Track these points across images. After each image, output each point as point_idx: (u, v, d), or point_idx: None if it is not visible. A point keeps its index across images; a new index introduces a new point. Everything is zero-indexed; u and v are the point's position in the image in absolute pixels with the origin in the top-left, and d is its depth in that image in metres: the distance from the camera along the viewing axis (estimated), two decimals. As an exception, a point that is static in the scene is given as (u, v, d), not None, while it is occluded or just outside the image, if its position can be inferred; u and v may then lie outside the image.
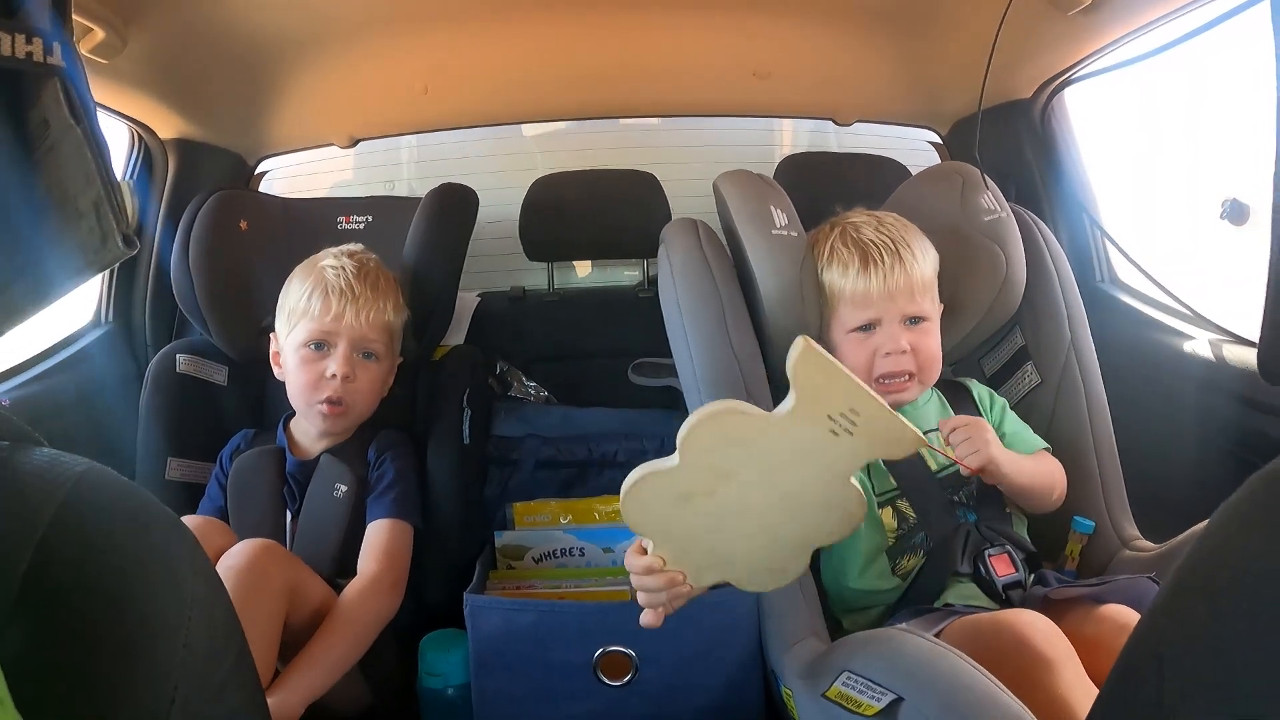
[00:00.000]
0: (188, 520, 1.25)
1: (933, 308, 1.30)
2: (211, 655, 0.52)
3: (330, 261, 1.41)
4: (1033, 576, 1.19)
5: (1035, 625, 0.96)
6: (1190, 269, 1.76)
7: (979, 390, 1.38)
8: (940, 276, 1.37)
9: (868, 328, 1.27)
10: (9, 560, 0.46)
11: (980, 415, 1.33)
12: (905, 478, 1.25)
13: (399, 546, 1.34)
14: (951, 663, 0.84)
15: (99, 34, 1.30)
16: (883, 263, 1.25)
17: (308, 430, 1.43)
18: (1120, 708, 0.49)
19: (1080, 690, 0.90)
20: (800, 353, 0.72)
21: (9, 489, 0.48)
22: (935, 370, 1.30)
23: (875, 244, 1.27)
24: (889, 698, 0.85)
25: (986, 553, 1.17)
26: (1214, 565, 0.45)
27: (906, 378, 1.26)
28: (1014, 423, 1.35)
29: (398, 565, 1.32)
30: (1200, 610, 0.45)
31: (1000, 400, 1.38)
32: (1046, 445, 1.33)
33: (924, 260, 1.28)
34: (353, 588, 1.26)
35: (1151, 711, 0.44)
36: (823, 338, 1.32)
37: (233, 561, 1.13)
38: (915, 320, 1.27)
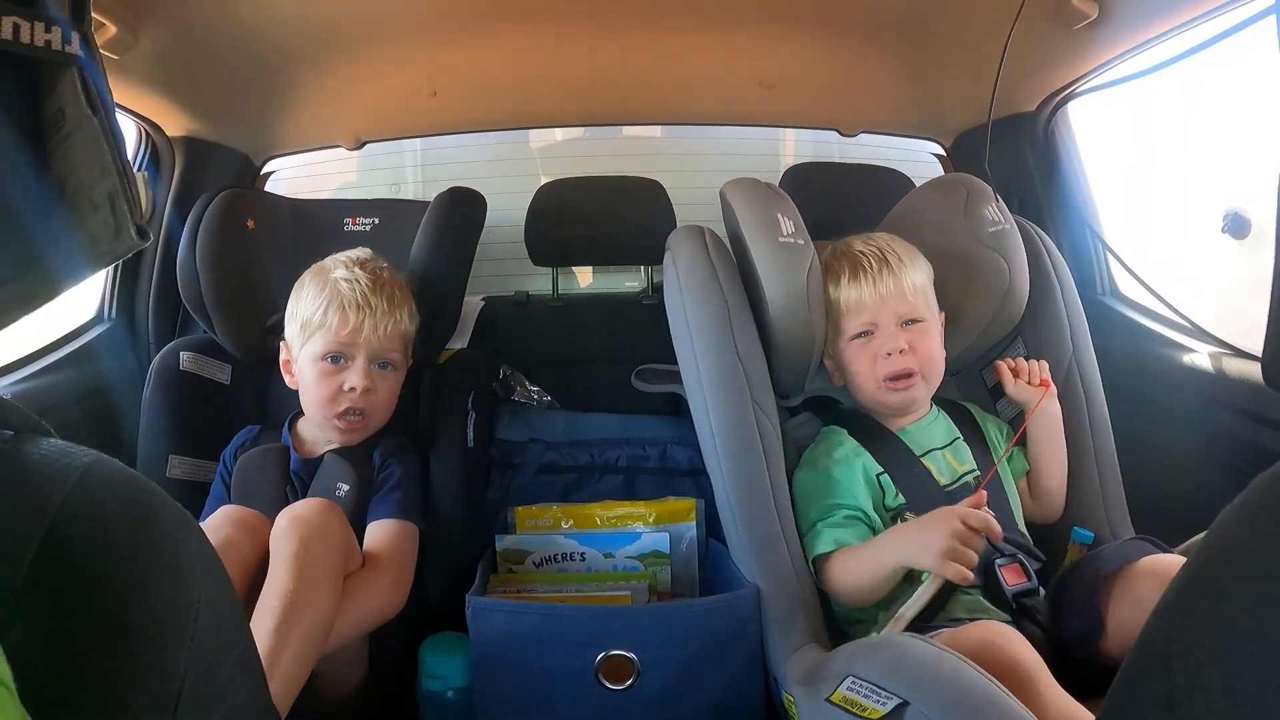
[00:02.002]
0: (229, 509, 1.23)
1: (928, 311, 1.32)
2: (219, 646, 0.52)
3: (343, 273, 1.40)
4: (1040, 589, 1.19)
5: (1003, 634, 0.96)
6: (1191, 282, 1.77)
7: (985, 421, 1.39)
8: (943, 287, 1.38)
9: (867, 334, 1.31)
10: (16, 550, 0.45)
11: (983, 435, 1.35)
12: (912, 493, 1.26)
13: (403, 546, 1.33)
14: (955, 666, 0.84)
15: (111, 29, 1.31)
16: (871, 269, 1.30)
17: (311, 429, 1.43)
18: (1130, 703, 0.49)
19: (1054, 696, 0.90)
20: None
21: (16, 478, 0.48)
22: (937, 369, 1.32)
23: (863, 254, 1.32)
24: (894, 702, 0.85)
25: (996, 563, 1.17)
26: (1221, 563, 0.46)
27: (911, 376, 1.28)
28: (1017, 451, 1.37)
29: (401, 564, 1.30)
30: (1208, 607, 0.45)
31: (1005, 427, 1.40)
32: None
33: (913, 267, 1.32)
34: (354, 582, 1.22)
35: (1160, 707, 0.45)
36: (831, 349, 1.35)
37: (299, 512, 1.15)
38: (911, 322, 1.30)
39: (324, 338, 1.37)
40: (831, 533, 1.21)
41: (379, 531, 1.33)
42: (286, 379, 1.44)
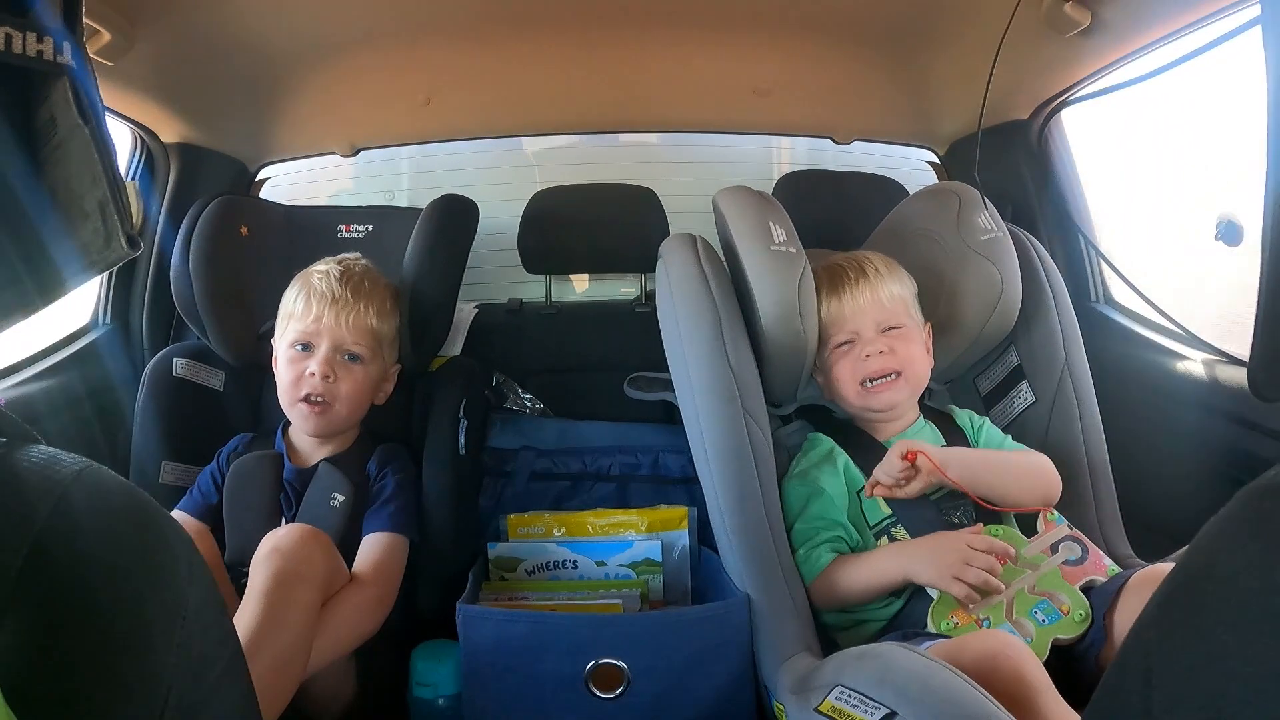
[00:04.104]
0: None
1: (908, 319, 1.34)
2: (205, 657, 0.52)
3: (320, 267, 1.44)
4: None
5: (1009, 645, 0.95)
6: (1185, 289, 1.77)
7: (961, 416, 1.39)
8: (936, 295, 1.39)
9: (849, 342, 1.33)
10: (4, 557, 0.45)
11: (968, 441, 1.35)
12: (899, 505, 1.26)
13: (393, 562, 1.33)
14: (944, 677, 0.84)
15: (105, 36, 1.31)
16: (848, 279, 1.33)
17: (304, 437, 1.43)
18: (1108, 716, 0.49)
19: (1058, 713, 0.89)
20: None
21: (5, 485, 0.48)
22: (919, 371, 1.33)
23: (841, 266, 1.35)
24: (882, 712, 0.85)
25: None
26: (1201, 578, 0.46)
27: (893, 376, 1.30)
28: (992, 431, 1.37)
29: (387, 581, 1.31)
30: (1187, 622, 0.45)
31: (982, 418, 1.39)
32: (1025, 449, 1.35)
33: (891, 278, 1.34)
34: (340, 599, 1.22)
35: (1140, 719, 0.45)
36: (819, 362, 1.36)
37: (278, 543, 1.13)
38: (892, 329, 1.32)
39: (295, 326, 1.40)
40: (824, 553, 1.24)
41: (370, 547, 1.33)
42: (275, 374, 1.44)
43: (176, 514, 1.36)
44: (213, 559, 1.27)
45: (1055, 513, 1.24)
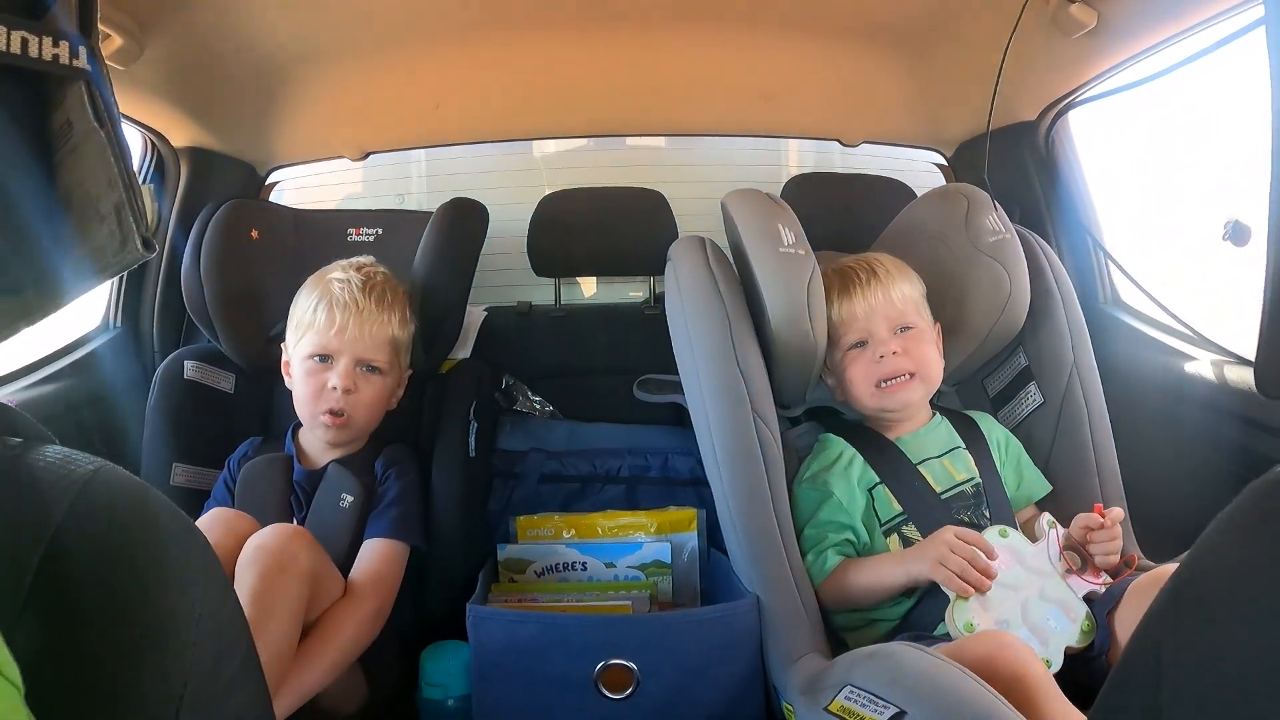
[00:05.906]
0: (221, 512, 1.25)
1: (920, 319, 1.34)
2: (220, 655, 0.52)
3: (338, 274, 1.43)
4: None
5: (1009, 646, 0.95)
6: (1193, 290, 1.77)
7: (992, 429, 1.38)
8: (944, 296, 1.39)
9: (862, 344, 1.33)
10: (21, 556, 0.46)
11: (991, 454, 1.34)
12: (910, 503, 1.26)
13: (390, 570, 1.32)
14: (954, 677, 0.84)
15: (117, 40, 1.32)
16: (859, 279, 1.33)
17: (314, 440, 1.43)
18: (1119, 707, 0.50)
19: (1060, 710, 0.89)
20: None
21: (22, 485, 0.49)
22: (933, 371, 1.33)
23: (852, 267, 1.35)
24: (891, 711, 0.85)
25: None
26: (1210, 571, 0.46)
27: (906, 377, 1.30)
28: (1029, 469, 1.36)
29: (385, 592, 1.30)
30: (1196, 615, 0.45)
31: (1016, 444, 1.38)
32: (1049, 488, 1.36)
33: (902, 279, 1.34)
34: (337, 613, 1.22)
35: (1149, 712, 0.45)
36: (829, 364, 1.36)
37: (263, 541, 1.14)
38: (904, 329, 1.32)
39: (312, 337, 1.39)
40: (831, 556, 1.24)
41: (368, 554, 1.33)
42: (286, 380, 1.44)
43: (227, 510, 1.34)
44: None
45: (1049, 516, 1.22)
